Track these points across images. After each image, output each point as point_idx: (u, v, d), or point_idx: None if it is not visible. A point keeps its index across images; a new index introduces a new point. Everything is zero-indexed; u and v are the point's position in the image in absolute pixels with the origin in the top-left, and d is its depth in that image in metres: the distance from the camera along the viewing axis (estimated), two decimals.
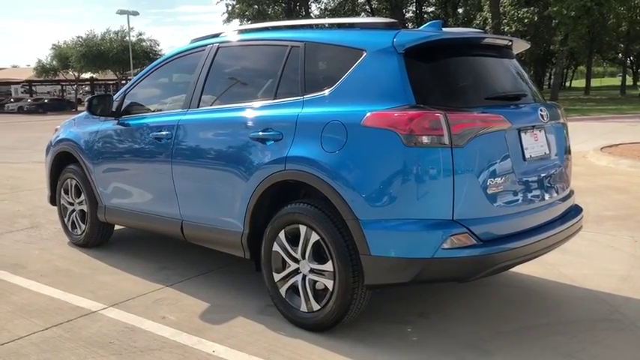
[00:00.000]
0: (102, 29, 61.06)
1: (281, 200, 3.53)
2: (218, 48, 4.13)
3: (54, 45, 48.17)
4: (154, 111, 4.59)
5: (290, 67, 3.60)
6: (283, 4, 42.29)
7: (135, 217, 4.64)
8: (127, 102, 4.74)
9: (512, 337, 3.35)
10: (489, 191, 3.04)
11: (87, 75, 51.48)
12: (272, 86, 3.68)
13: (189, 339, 3.36)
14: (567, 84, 73.18)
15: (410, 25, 53.97)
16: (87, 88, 61.22)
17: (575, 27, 30.16)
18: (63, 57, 46.33)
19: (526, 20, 34.65)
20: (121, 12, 41.97)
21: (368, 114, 3.07)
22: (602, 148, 11.51)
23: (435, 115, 2.92)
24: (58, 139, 5.36)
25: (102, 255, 5.04)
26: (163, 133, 4.19)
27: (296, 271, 3.44)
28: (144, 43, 47.15)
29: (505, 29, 34.94)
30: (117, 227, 5.42)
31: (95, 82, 55.63)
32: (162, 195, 4.29)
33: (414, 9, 51.73)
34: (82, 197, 5.12)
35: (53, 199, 5.53)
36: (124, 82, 48.13)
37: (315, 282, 3.36)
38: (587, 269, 4.53)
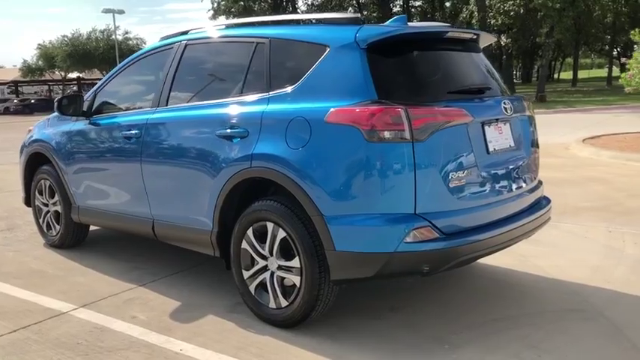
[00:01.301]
0: (88, 28, 60.42)
1: (250, 198, 3.52)
2: (186, 46, 4.11)
3: (39, 45, 47.91)
4: (124, 110, 4.56)
5: (256, 63, 3.59)
6: (269, 0, 42.12)
7: (108, 218, 4.62)
8: (97, 101, 4.71)
9: (480, 330, 3.36)
10: (452, 185, 3.04)
11: (74, 74, 51.21)
12: (238, 83, 3.66)
13: (158, 338, 3.35)
14: (555, 76, 73.47)
15: None
16: (75, 88, 60.90)
17: (561, 19, 30.28)
18: (49, 57, 46.06)
19: (512, 13, 34.74)
20: (107, 11, 41.73)
21: (331, 110, 3.06)
22: (584, 140, 11.58)
23: (395, 110, 2.92)
24: (32, 139, 5.32)
25: (76, 256, 5.01)
26: (133, 132, 4.17)
27: (264, 268, 3.44)
28: (130, 42, 46.91)
29: (491, 22, 35.04)
30: (93, 228, 5.39)
31: (82, 82, 55.23)
32: (133, 195, 4.28)
33: (402, 3, 51.67)
34: (56, 198, 5.09)
35: (28, 201, 5.49)
36: None
37: (283, 279, 3.35)
38: (560, 260, 4.56)
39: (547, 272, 4.29)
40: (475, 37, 3.60)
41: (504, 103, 3.39)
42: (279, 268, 3.34)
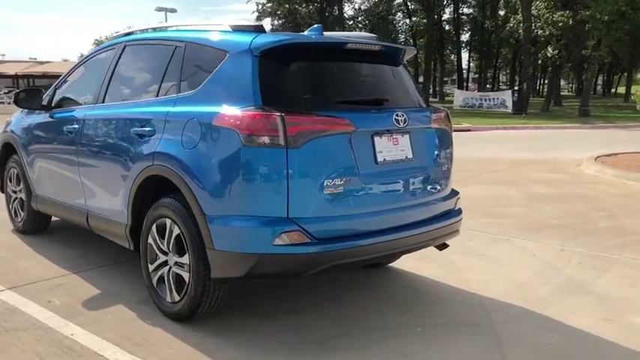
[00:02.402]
0: (141, 26, 62.15)
1: (161, 195, 3.67)
2: (124, 47, 4.31)
3: (96, 40, 49.87)
4: (74, 105, 4.79)
5: (172, 66, 3.74)
6: (316, 4, 42.40)
7: (55, 207, 4.87)
8: (57, 96, 4.97)
9: (367, 336, 3.41)
10: (327, 192, 3.10)
11: None
12: (158, 84, 3.82)
13: (58, 322, 3.53)
14: (612, 90, 70.96)
15: (447, 27, 53.51)
16: None
17: (609, 32, 29.27)
18: None
19: (560, 24, 33.80)
20: (159, 9, 42.92)
21: (218, 113, 3.18)
22: (597, 157, 11.23)
23: (271, 117, 3.01)
24: (5, 129, 5.64)
25: (35, 241, 5.29)
26: (73, 127, 4.40)
27: (165, 263, 3.58)
28: None
29: (538, 32, 34.23)
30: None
31: None
32: (72, 186, 4.50)
33: (452, 11, 51.11)
34: (21, 186, 5.39)
35: (1, 187, 5.82)
36: None
37: (177, 274, 3.49)
38: (491, 275, 4.52)
39: (470, 286, 4.27)
40: (379, 48, 3.64)
41: (397, 115, 3.41)
42: (175, 264, 3.48)
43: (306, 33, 3.68)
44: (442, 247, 3.95)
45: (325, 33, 3.68)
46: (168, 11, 43.24)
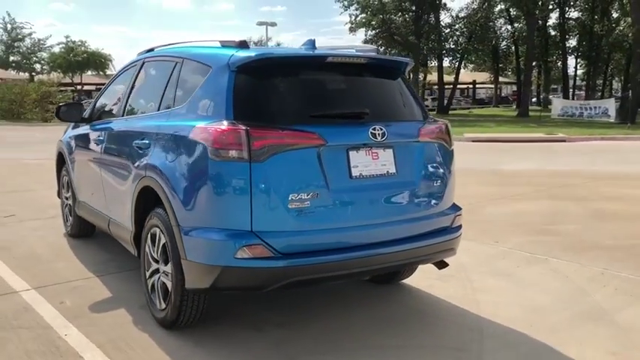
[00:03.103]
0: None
1: (158, 204, 3.81)
2: (143, 62, 4.53)
3: None
4: (106, 118, 5.09)
5: (171, 80, 3.89)
6: (411, 13, 42.02)
7: (90, 213, 5.19)
8: (96, 109, 5.31)
9: (346, 356, 3.33)
10: (292, 206, 3.08)
11: None
12: (159, 98, 3.98)
13: (60, 322, 3.74)
14: None
15: (553, 32, 50.92)
16: None
17: None
18: None
19: None
20: (260, 23, 44.53)
21: (194, 127, 3.27)
22: None
23: (236, 131, 3.05)
24: (60, 139, 6.10)
25: (78, 244, 5.66)
26: (99, 138, 4.69)
27: (157, 271, 3.71)
28: None
29: None
30: None
31: None
32: (98, 194, 4.78)
33: (557, 16, 48.68)
34: (70, 193, 5.80)
35: (59, 193, 6.29)
36: None
37: (164, 282, 3.60)
38: (507, 297, 4.26)
39: (478, 308, 4.05)
40: (371, 62, 3.57)
41: (374, 129, 3.31)
42: (163, 272, 3.60)
43: (300, 46, 3.69)
44: (441, 265, 3.80)
45: (328, 46, 3.67)
46: (269, 25, 44.78)
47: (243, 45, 3.48)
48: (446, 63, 49.26)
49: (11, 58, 54.80)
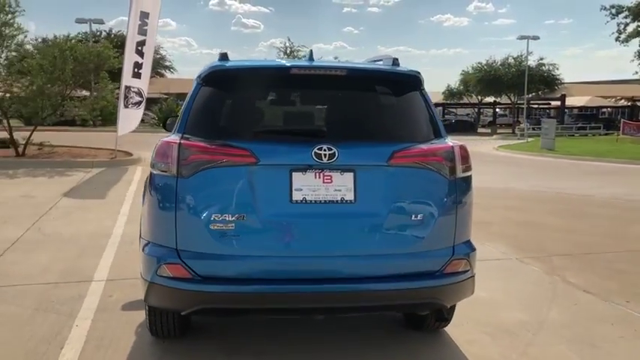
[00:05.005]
0: (503, 55, 62.55)
1: None
2: None
3: (462, 71, 51.91)
4: None
5: None
6: None
7: None
8: None
9: None
10: (214, 227, 2.86)
11: (490, 99, 53.60)
12: None
13: (85, 314, 4.08)
14: None
15: None
16: (500, 111, 64.01)
17: None
18: (466, 82, 49.54)
19: None
20: (521, 37, 42.41)
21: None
22: None
23: (169, 144, 2.97)
24: None
25: None
26: None
27: None
28: (543, 67, 46.35)
29: None
30: None
31: (497, 105, 57.28)
32: None
33: None
34: None
35: None
36: (516, 106, 48.42)
37: None
38: None
39: None
40: (346, 74, 3.12)
41: (320, 149, 2.86)
42: None
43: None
44: (438, 319, 3.13)
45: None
46: (531, 39, 42.42)
47: (222, 56, 3.37)
48: None
49: None
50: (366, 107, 3.26)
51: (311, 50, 3.38)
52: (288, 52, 50.40)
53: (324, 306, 2.97)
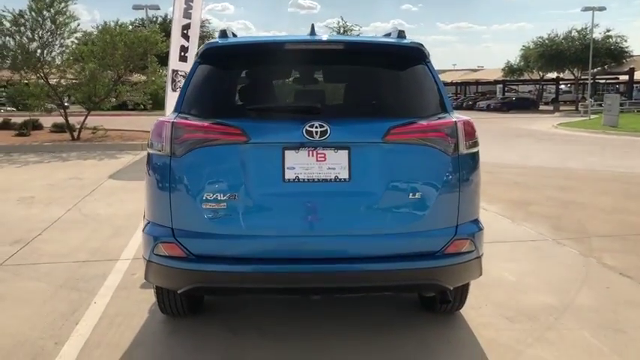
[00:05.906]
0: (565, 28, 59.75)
1: None
2: None
3: (523, 46, 50.02)
4: None
5: None
6: None
7: None
8: None
9: None
10: (206, 206, 2.84)
11: (553, 74, 51.51)
12: None
13: (106, 292, 4.19)
14: None
15: None
16: (564, 87, 61.59)
17: None
18: (527, 58, 47.71)
19: None
20: (586, 9, 40.43)
21: None
22: None
23: (163, 124, 2.96)
24: None
25: None
26: None
27: None
28: (610, 40, 44.03)
29: None
30: None
31: (561, 82, 55.05)
32: None
33: None
34: None
35: None
36: (581, 81, 46.39)
37: None
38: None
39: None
40: (344, 47, 3.00)
41: (311, 126, 2.78)
42: None
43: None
44: (442, 302, 3.02)
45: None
46: (596, 10, 40.43)
47: (222, 34, 3.32)
48: None
49: None
50: (364, 82, 3.15)
51: (312, 25, 3.28)
52: (341, 32, 49.84)
53: (315, 286, 2.91)
